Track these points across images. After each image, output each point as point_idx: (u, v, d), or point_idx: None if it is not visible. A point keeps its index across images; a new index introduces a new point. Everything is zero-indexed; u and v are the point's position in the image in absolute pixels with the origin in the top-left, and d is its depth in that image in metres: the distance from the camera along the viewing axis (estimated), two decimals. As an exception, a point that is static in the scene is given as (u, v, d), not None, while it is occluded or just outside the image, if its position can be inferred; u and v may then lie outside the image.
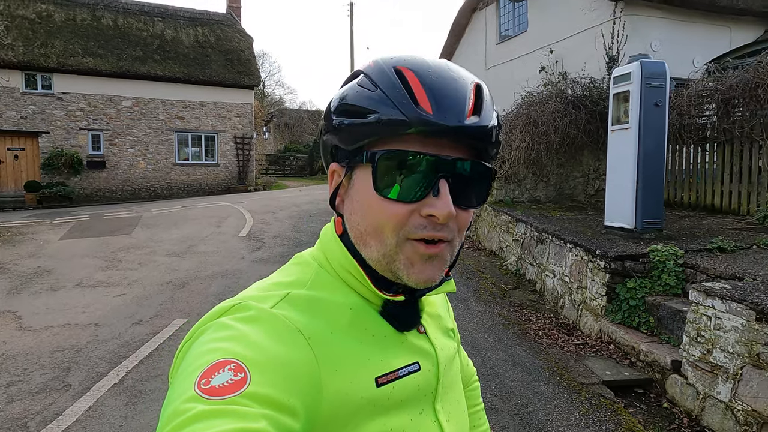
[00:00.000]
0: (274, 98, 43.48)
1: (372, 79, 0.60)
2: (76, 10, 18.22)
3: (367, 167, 0.60)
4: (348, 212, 0.64)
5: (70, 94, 17.08)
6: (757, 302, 3.00)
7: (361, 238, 0.62)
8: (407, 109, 0.56)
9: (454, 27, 15.45)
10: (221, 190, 19.47)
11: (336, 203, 0.66)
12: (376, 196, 0.59)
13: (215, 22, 21.08)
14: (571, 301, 5.16)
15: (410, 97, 0.57)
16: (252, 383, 0.47)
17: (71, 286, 6.43)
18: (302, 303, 0.60)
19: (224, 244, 8.74)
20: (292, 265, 0.68)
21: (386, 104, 0.57)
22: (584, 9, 10.41)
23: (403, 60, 0.61)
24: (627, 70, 5.20)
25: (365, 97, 0.59)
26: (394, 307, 0.64)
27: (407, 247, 0.59)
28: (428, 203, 0.58)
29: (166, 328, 4.93)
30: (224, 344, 0.51)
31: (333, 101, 0.64)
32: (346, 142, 0.62)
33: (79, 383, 3.85)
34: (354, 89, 0.61)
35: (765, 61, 5.90)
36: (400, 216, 0.58)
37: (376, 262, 0.61)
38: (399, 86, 0.58)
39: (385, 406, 0.58)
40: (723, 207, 6.48)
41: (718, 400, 3.18)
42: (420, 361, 0.65)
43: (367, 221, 0.60)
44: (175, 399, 0.46)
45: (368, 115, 0.58)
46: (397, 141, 0.58)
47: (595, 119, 7.96)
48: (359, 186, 0.61)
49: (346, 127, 0.61)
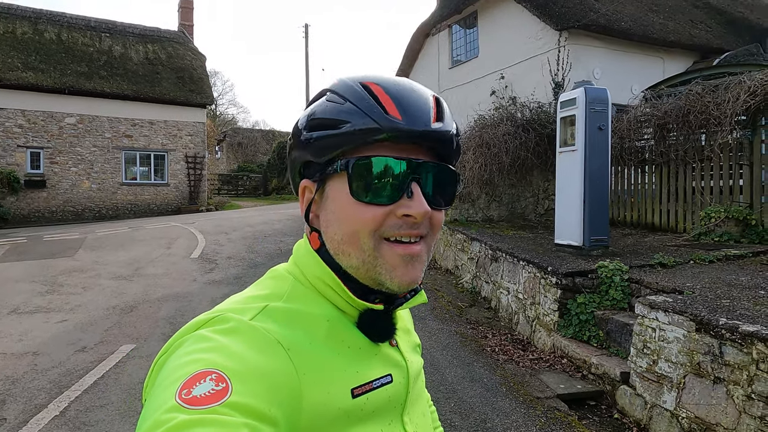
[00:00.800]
0: (226, 117, 42.82)
1: (339, 93, 0.63)
2: (15, 23, 17.44)
3: (341, 177, 0.62)
4: (324, 225, 0.65)
5: (7, 110, 16.19)
6: (696, 314, 3.18)
7: (339, 247, 0.63)
8: (378, 116, 0.60)
9: (408, 51, 15.84)
10: (171, 211, 18.84)
11: (310, 219, 0.67)
12: (351, 202, 0.61)
13: (167, 40, 20.67)
14: (525, 317, 5.30)
15: (380, 107, 0.60)
16: (233, 393, 0.47)
17: (6, 313, 6.00)
18: (280, 315, 0.60)
19: (175, 266, 8.43)
20: (267, 279, 0.68)
21: (357, 114, 0.60)
22: (531, 37, 10.95)
23: (367, 77, 0.65)
24: (572, 96, 5.49)
25: (335, 110, 0.62)
26: (370, 318, 0.65)
27: (385, 250, 0.61)
28: (403, 204, 0.61)
29: (113, 355, 4.68)
30: (205, 355, 0.50)
31: (301, 119, 0.66)
32: (318, 154, 0.63)
33: (15, 417, 3.58)
34: (323, 104, 0.64)
35: (695, 90, 6.37)
36: (376, 219, 0.60)
37: (356, 269, 0.63)
38: (368, 97, 0.61)
39: (359, 417, 0.59)
40: (662, 225, 6.88)
41: (664, 408, 3.33)
42: (392, 373, 0.66)
43: (344, 229, 0.62)
44: (155, 410, 0.46)
45: (340, 125, 0.61)
46: (368, 149, 0.61)
47: (544, 141, 8.32)
48: (333, 196, 0.63)
49: (317, 139, 0.63)
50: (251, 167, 31.24)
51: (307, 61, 27.12)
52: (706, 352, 3.06)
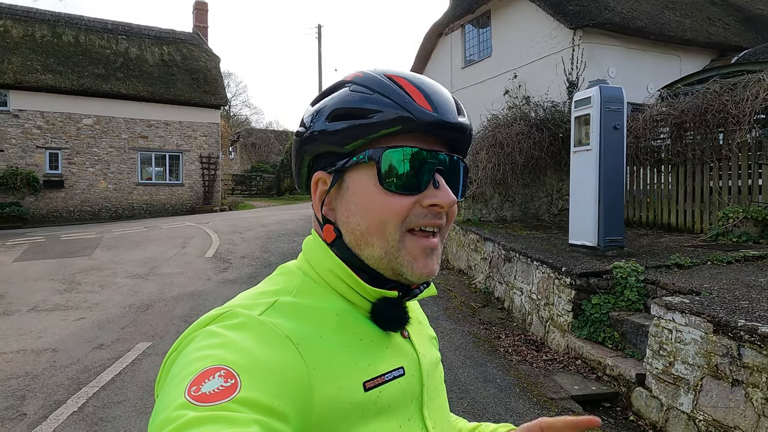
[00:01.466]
0: (240, 118, 43.21)
1: (366, 85, 0.64)
2: (35, 26, 17.78)
3: (366, 167, 0.62)
4: (343, 216, 0.65)
5: (26, 112, 16.52)
6: (714, 315, 3.14)
7: (363, 237, 0.63)
8: (411, 107, 0.61)
9: (421, 51, 15.82)
10: (186, 211, 19.05)
11: (324, 211, 0.67)
12: (379, 192, 0.62)
13: (181, 41, 20.91)
14: (539, 317, 5.26)
15: (411, 98, 0.61)
16: (243, 389, 0.47)
17: (26, 310, 6.13)
18: (289, 310, 0.60)
19: (189, 265, 8.53)
20: (277, 276, 0.69)
21: (388, 104, 0.61)
22: (545, 36, 10.87)
23: (391, 71, 0.66)
24: (587, 95, 5.44)
25: (364, 100, 0.62)
26: (384, 306, 0.65)
27: (408, 241, 0.63)
28: (429, 194, 0.63)
29: (129, 352, 4.75)
30: (214, 351, 0.51)
31: (320, 110, 0.65)
32: (342, 143, 0.63)
33: (35, 412, 3.65)
34: (347, 95, 0.64)
35: (713, 89, 6.28)
36: (404, 208, 0.62)
37: (378, 260, 0.63)
38: (397, 89, 0.62)
39: (373, 411, 0.59)
40: (678, 225, 6.78)
41: (680, 411, 3.29)
42: (404, 365, 0.65)
43: (369, 219, 0.62)
44: (165, 407, 0.46)
45: (370, 115, 0.61)
46: (393, 140, 0.62)
47: (558, 141, 8.25)
48: (356, 187, 0.63)
49: (344, 129, 0.62)
50: (264, 167, 31.42)
51: (320, 61, 27.28)
52: (724, 354, 3.02)
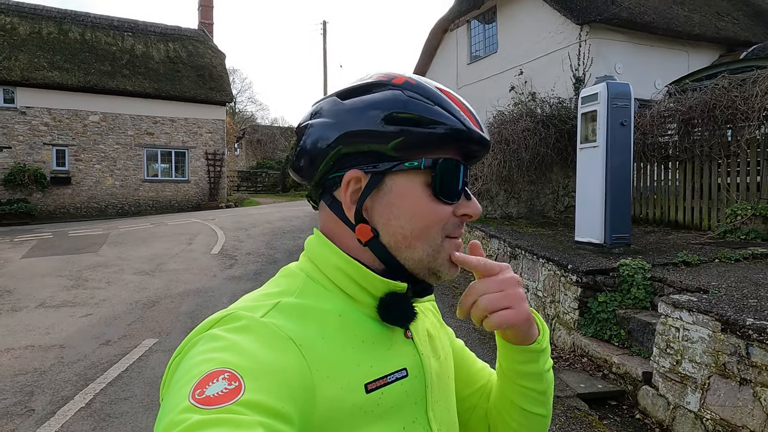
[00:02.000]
0: (245, 114, 43.26)
1: (423, 94, 0.64)
2: (41, 23, 17.85)
3: (413, 173, 0.64)
4: (384, 218, 0.64)
5: (34, 108, 16.61)
6: (722, 313, 3.11)
7: (406, 241, 0.64)
8: (468, 123, 0.64)
9: (426, 47, 15.77)
10: (192, 207, 19.12)
11: (360, 211, 0.65)
12: (427, 199, 0.64)
13: (187, 38, 20.95)
14: (545, 315, 5.24)
15: (465, 116, 0.65)
16: (246, 391, 0.47)
17: (33, 307, 6.18)
18: (292, 311, 0.60)
19: (195, 262, 8.56)
20: (279, 277, 0.69)
21: (449, 119, 0.63)
22: (552, 32, 10.80)
23: (438, 84, 0.68)
24: (594, 91, 5.40)
25: (425, 110, 0.63)
26: (392, 300, 0.64)
27: (446, 244, 0.66)
28: (462, 204, 0.67)
29: (136, 349, 4.78)
30: (217, 354, 0.51)
31: (368, 106, 0.64)
32: (395, 147, 0.62)
33: (42, 408, 3.68)
34: (404, 100, 0.63)
35: (721, 85, 6.22)
36: (447, 215, 0.65)
37: (419, 261, 0.65)
38: (452, 104, 0.65)
39: (376, 413, 0.59)
40: (686, 222, 6.74)
41: (687, 410, 3.27)
42: (407, 367, 0.65)
43: (415, 224, 0.64)
44: (169, 411, 0.46)
45: (433, 125, 0.63)
46: (439, 150, 0.65)
47: (564, 138, 8.21)
48: (402, 191, 0.64)
49: (402, 133, 0.62)
50: (270, 164, 31.45)
51: (325, 57, 27.25)
52: (732, 352, 2.99)
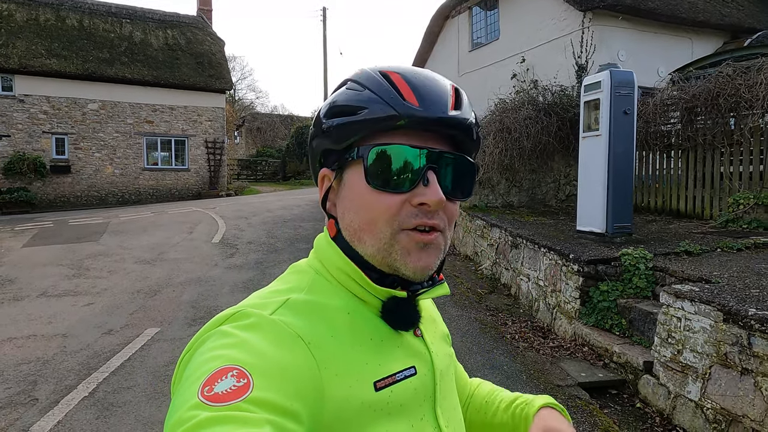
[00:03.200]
0: (245, 102, 43.00)
1: (359, 82, 0.65)
2: (38, 10, 17.67)
3: (358, 164, 0.63)
4: (341, 212, 0.66)
5: (32, 96, 16.51)
6: (724, 303, 3.11)
7: (356, 234, 0.64)
8: (396, 103, 0.61)
9: (427, 34, 15.61)
10: (192, 196, 19.09)
11: (327, 207, 0.68)
12: (368, 190, 0.62)
13: (186, 25, 20.74)
14: (546, 304, 5.25)
15: (397, 93, 0.61)
16: (255, 389, 0.47)
17: (35, 296, 6.19)
18: (301, 308, 0.60)
19: (196, 251, 8.57)
20: (289, 274, 0.69)
21: (375, 101, 0.61)
22: (554, 19, 10.68)
23: (388, 66, 0.66)
24: (597, 79, 5.35)
25: (354, 97, 0.63)
26: (394, 305, 0.65)
27: (402, 237, 0.62)
28: (418, 192, 0.61)
29: (138, 338, 4.80)
30: (226, 351, 0.51)
31: (322, 107, 0.67)
32: (336, 141, 0.64)
33: (46, 397, 3.70)
34: (343, 93, 0.66)
35: (725, 72, 6.16)
36: (392, 207, 0.61)
37: (372, 256, 0.63)
38: (386, 85, 0.62)
39: (385, 411, 0.59)
40: (688, 211, 6.72)
41: (688, 399, 3.28)
42: (416, 365, 0.65)
43: (361, 216, 0.63)
44: (179, 407, 0.47)
45: (358, 111, 0.62)
46: (385, 136, 0.62)
47: (566, 126, 8.16)
48: (350, 184, 0.64)
49: (336, 126, 0.64)
50: (270, 152, 31.37)
51: (325, 44, 27.00)
52: (734, 342, 3.00)
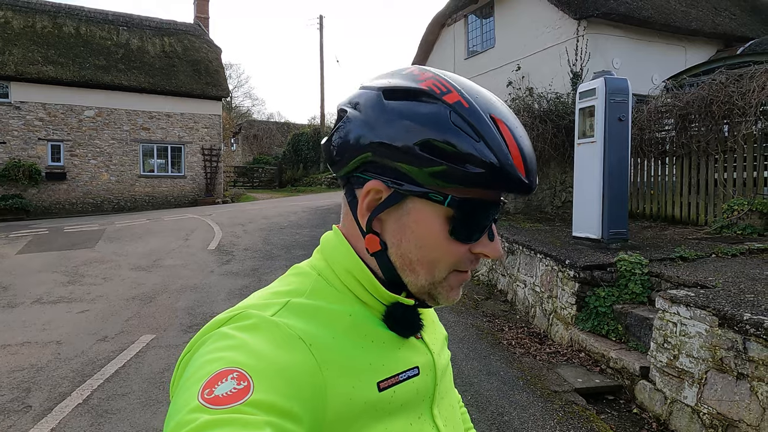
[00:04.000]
0: (242, 109, 43.08)
1: (469, 122, 0.56)
2: (35, 17, 17.69)
3: (438, 207, 0.59)
4: (395, 238, 0.62)
5: (28, 103, 16.49)
6: (719, 308, 3.13)
7: (410, 265, 0.62)
8: (511, 173, 0.56)
9: (423, 42, 15.72)
10: (188, 203, 19.06)
11: (372, 223, 0.62)
12: (443, 235, 0.60)
13: (183, 32, 20.80)
14: (542, 310, 5.26)
15: (511, 158, 0.56)
16: (255, 391, 0.47)
17: (30, 303, 6.15)
18: (302, 310, 0.59)
19: (192, 258, 8.54)
20: (290, 276, 0.68)
21: (488, 156, 0.56)
22: (549, 27, 10.78)
23: (493, 105, 0.59)
24: (592, 86, 5.39)
25: (467, 143, 0.56)
26: (399, 311, 0.64)
27: (452, 277, 0.63)
28: (482, 243, 0.63)
29: (133, 345, 4.77)
30: (226, 353, 0.50)
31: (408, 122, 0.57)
32: (422, 179, 0.58)
33: (40, 404, 3.67)
34: (448, 127, 0.56)
35: (718, 80, 6.22)
36: (459, 255, 0.62)
37: (419, 287, 0.64)
38: (503, 144, 0.56)
39: (386, 411, 0.59)
40: (683, 218, 6.75)
41: (684, 404, 3.28)
42: (419, 365, 0.65)
43: (423, 253, 0.61)
44: (179, 410, 0.46)
45: (470, 166, 0.56)
46: (471, 188, 0.58)
47: (561, 133, 8.21)
48: (419, 218, 0.60)
49: (434, 163, 0.56)
50: (266, 159, 31.36)
51: (321, 52, 27.15)
52: (729, 347, 3.01)
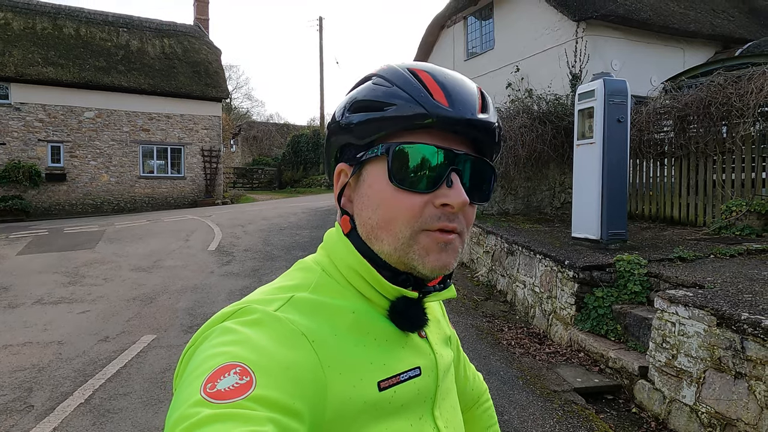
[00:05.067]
0: (241, 111, 43.06)
1: (387, 78, 0.63)
2: (35, 19, 17.70)
3: (381, 161, 0.62)
4: (358, 209, 0.65)
5: (28, 105, 16.50)
6: (717, 308, 3.15)
7: (373, 232, 0.62)
8: (425, 102, 0.60)
9: (423, 44, 15.75)
10: (188, 204, 19.07)
11: (342, 203, 0.67)
12: (390, 188, 0.61)
13: (182, 34, 20.83)
14: (542, 310, 5.28)
15: (427, 92, 0.60)
16: (257, 386, 0.47)
17: (30, 303, 6.16)
18: (306, 306, 0.59)
19: (192, 258, 8.55)
20: (294, 271, 0.68)
21: (404, 98, 0.60)
22: (548, 29, 10.81)
23: (416, 65, 0.65)
24: (591, 87, 5.42)
25: (381, 93, 0.62)
26: (403, 305, 0.64)
27: (422, 237, 0.60)
28: (442, 193, 0.60)
29: (134, 345, 4.78)
30: (229, 348, 0.51)
31: (346, 102, 0.66)
32: (359, 137, 0.63)
33: (42, 404, 3.68)
34: (368, 87, 0.64)
35: (717, 81, 6.25)
36: (414, 207, 0.60)
37: (388, 254, 0.62)
38: (416, 83, 0.61)
39: (387, 410, 0.58)
40: (681, 218, 6.78)
41: (683, 403, 3.31)
42: (421, 365, 0.65)
43: (380, 214, 0.61)
44: (181, 404, 0.46)
45: (386, 108, 0.61)
46: (409, 135, 0.61)
47: (560, 134, 8.23)
48: (371, 181, 0.63)
49: (361, 122, 0.63)
50: (266, 160, 31.37)
51: (321, 53, 27.23)
52: (728, 347, 3.03)
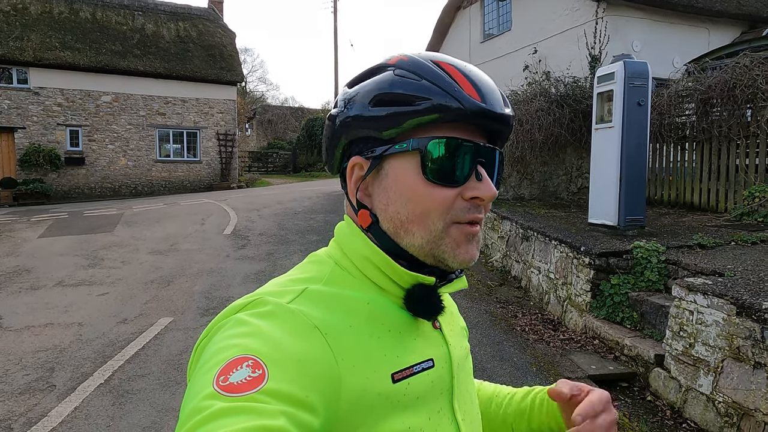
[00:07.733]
0: (256, 94, 43.12)
1: (412, 70, 0.62)
2: (52, 3, 17.80)
3: (407, 156, 0.61)
4: (382, 203, 0.64)
5: (47, 89, 16.70)
6: (737, 297, 3.09)
7: (403, 226, 0.62)
8: (460, 96, 0.59)
9: (438, 25, 15.50)
10: (203, 188, 19.23)
11: (359, 196, 0.66)
12: (421, 182, 0.61)
13: (197, 17, 20.80)
14: (557, 297, 5.24)
15: (460, 87, 0.60)
16: (270, 380, 0.47)
17: (52, 285, 6.30)
18: (319, 298, 0.59)
19: (208, 242, 8.65)
20: (307, 263, 0.68)
21: (436, 92, 0.59)
22: (567, 9, 10.55)
23: (436, 56, 0.64)
24: (611, 70, 5.28)
25: (411, 86, 0.60)
26: (420, 292, 0.64)
27: (453, 230, 0.62)
28: (471, 186, 0.62)
29: (152, 327, 4.87)
30: (242, 340, 0.50)
31: (362, 93, 0.64)
32: (383, 129, 0.62)
33: (63, 384, 3.79)
34: (392, 79, 0.62)
35: (742, 63, 6.05)
36: (447, 200, 0.61)
37: (419, 248, 0.63)
38: (446, 76, 0.60)
39: (403, 403, 0.58)
40: (702, 204, 6.64)
41: (699, 392, 3.27)
42: (434, 357, 0.64)
43: (410, 208, 0.62)
44: (194, 397, 0.46)
45: (417, 102, 0.60)
46: (434, 129, 0.61)
47: (578, 118, 8.07)
48: (397, 175, 0.62)
49: (387, 115, 0.61)
50: (281, 144, 31.45)
51: (335, 36, 26.91)
52: (747, 336, 2.97)
